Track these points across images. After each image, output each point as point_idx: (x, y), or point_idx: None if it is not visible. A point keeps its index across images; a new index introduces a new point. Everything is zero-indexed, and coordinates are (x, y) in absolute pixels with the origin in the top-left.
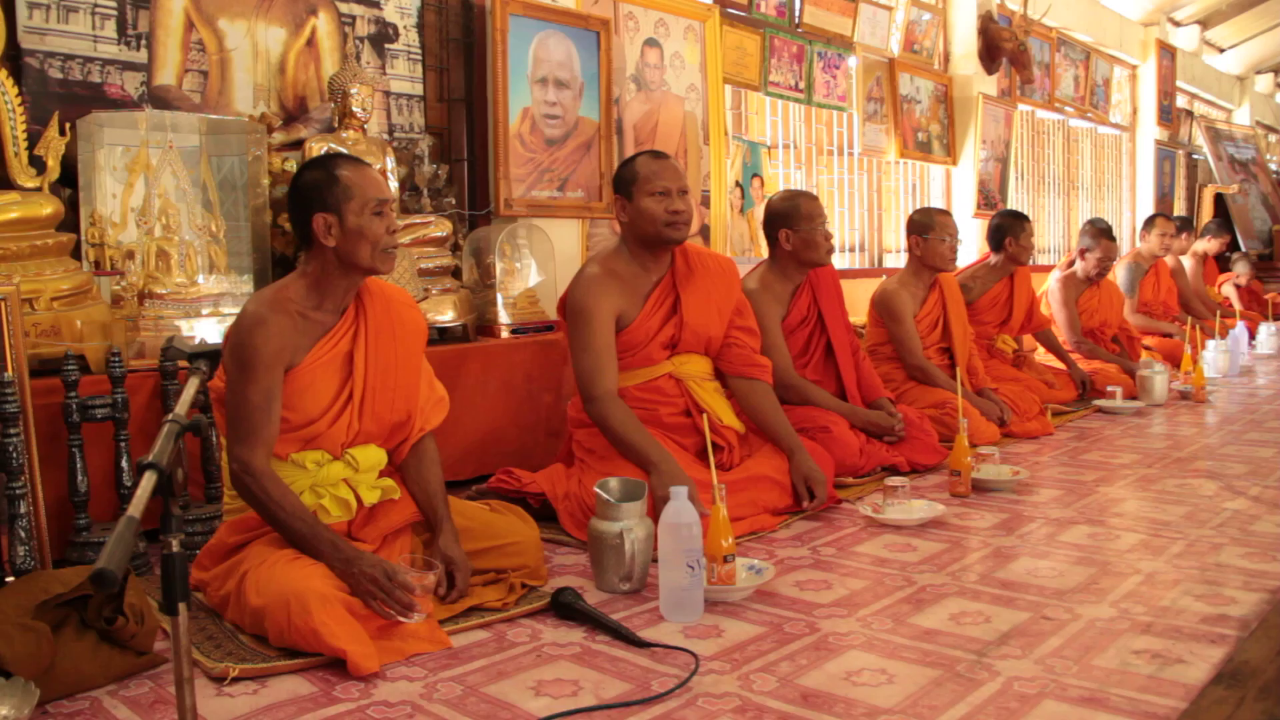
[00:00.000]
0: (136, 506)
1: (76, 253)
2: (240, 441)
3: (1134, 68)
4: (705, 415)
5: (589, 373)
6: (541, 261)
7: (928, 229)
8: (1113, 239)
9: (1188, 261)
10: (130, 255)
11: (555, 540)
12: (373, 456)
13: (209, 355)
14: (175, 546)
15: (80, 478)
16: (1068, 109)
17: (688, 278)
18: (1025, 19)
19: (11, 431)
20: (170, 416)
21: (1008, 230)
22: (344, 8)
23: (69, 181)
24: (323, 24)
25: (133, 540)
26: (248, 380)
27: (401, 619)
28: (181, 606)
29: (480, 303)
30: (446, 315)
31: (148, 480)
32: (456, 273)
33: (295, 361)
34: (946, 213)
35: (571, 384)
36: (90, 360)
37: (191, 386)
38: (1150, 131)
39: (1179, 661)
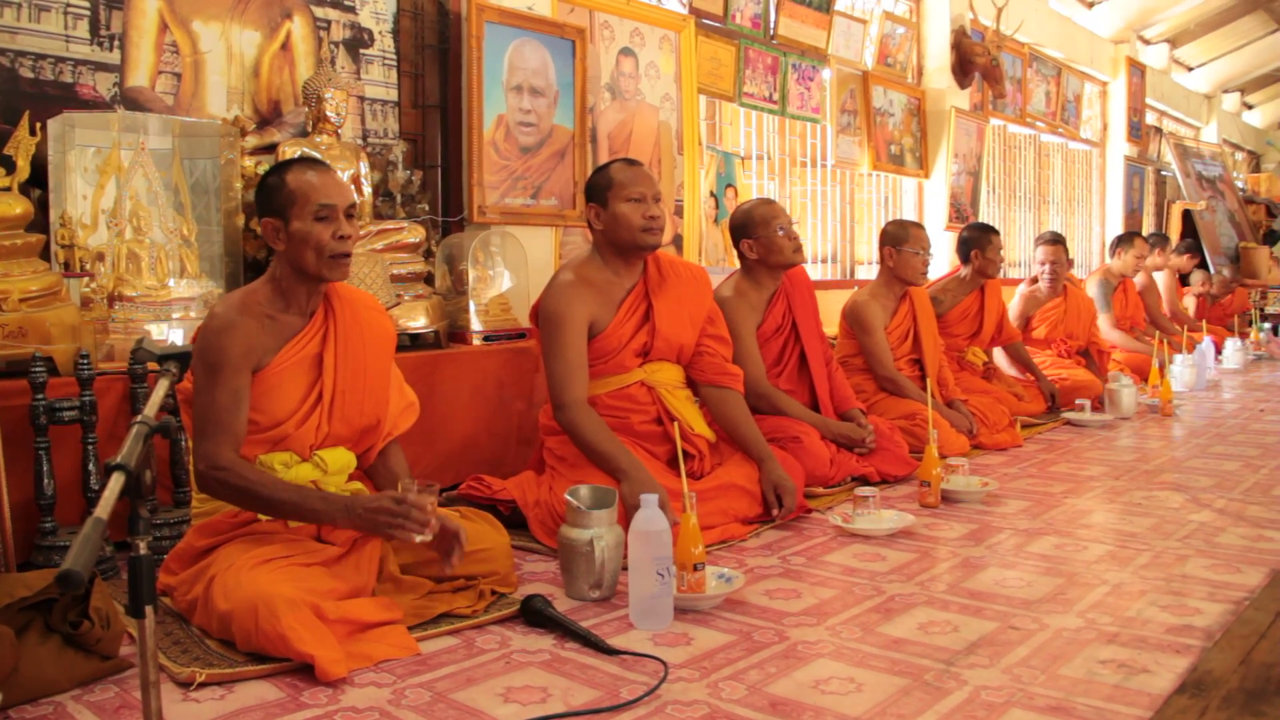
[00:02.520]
0: (104, 508)
1: (46, 254)
2: (207, 439)
3: (1104, 84)
4: (676, 423)
5: (560, 379)
6: (514, 269)
7: (902, 241)
8: (1052, 242)
9: (1162, 277)
10: (100, 257)
11: (525, 547)
12: (341, 459)
13: (179, 357)
14: (142, 548)
15: (47, 481)
16: (1039, 124)
17: (660, 285)
18: (998, 34)
19: None
20: (139, 418)
21: (974, 243)
22: (319, 12)
23: (39, 182)
24: (298, 28)
25: (99, 542)
26: (215, 382)
27: (419, 539)
28: (148, 609)
29: (452, 309)
30: (418, 321)
31: (115, 481)
32: (429, 279)
33: (263, 363)
34: (921, 226)
35: (543, 391)
36: (58, 362)
37: (161, 388)
38: (1120, 148)
39: (1144, 671)
